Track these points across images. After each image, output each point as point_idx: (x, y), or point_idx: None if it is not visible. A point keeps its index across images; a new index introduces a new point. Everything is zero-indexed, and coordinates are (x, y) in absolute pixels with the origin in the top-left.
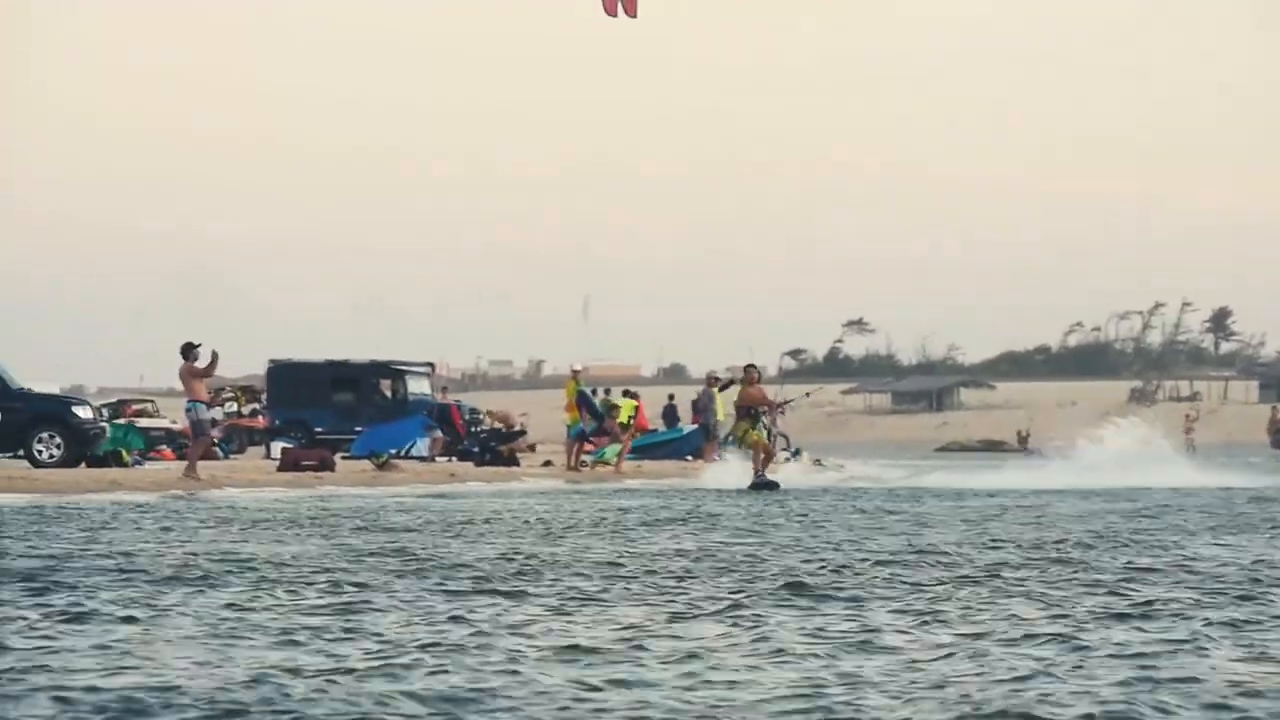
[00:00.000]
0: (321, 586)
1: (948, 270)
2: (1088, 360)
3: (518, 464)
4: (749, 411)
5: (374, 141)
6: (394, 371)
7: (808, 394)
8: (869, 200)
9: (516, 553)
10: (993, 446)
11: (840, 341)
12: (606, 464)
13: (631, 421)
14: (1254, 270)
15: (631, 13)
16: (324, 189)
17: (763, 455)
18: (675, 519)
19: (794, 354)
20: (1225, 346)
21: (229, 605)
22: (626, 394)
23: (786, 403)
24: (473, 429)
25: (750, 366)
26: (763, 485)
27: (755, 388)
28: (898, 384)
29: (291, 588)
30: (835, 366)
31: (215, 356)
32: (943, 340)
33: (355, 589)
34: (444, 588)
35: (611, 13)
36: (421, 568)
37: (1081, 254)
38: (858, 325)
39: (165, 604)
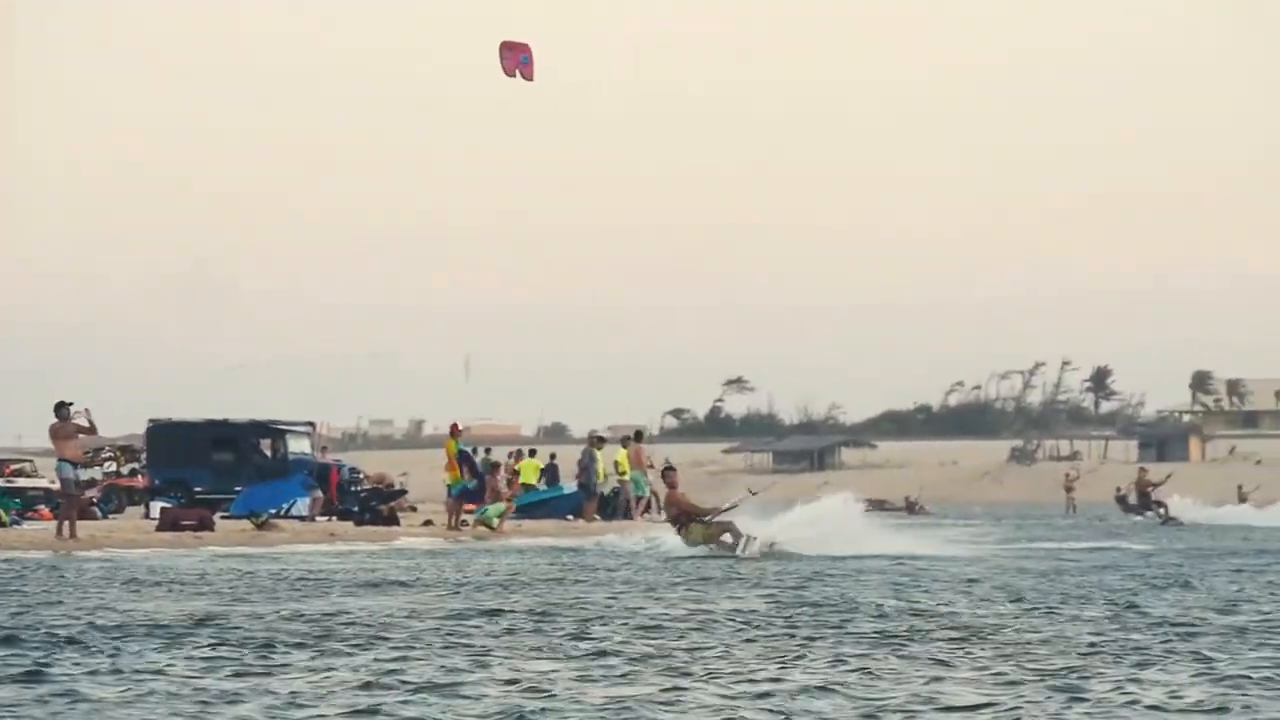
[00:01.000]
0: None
1: (830, 329)
2: (968, 419)
3: (398, 523)
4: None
5: (247, 192)
6: (274, 431)
7: (754, 493)
8: (749, 257)
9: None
10: (876, 506)
11: (721, 400)
12: (487, 524)
13: (542, 480)
14: (1133, 330)
15: (529, 77)
16: (202, 243)
17: (726, 535)
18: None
19: (675, 413)
20: (1105, 406)
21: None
22: (530, 453)
23: (731, 507)
24: (353, 488)
25: (669, 469)
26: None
27: (680, 494)
28: (779, 443)
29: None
30: (716, 425)
31: (88, 416)
32: (824, 399)
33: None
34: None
35: (510, 75)
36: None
37: (962, 313)
38: (738, 384)
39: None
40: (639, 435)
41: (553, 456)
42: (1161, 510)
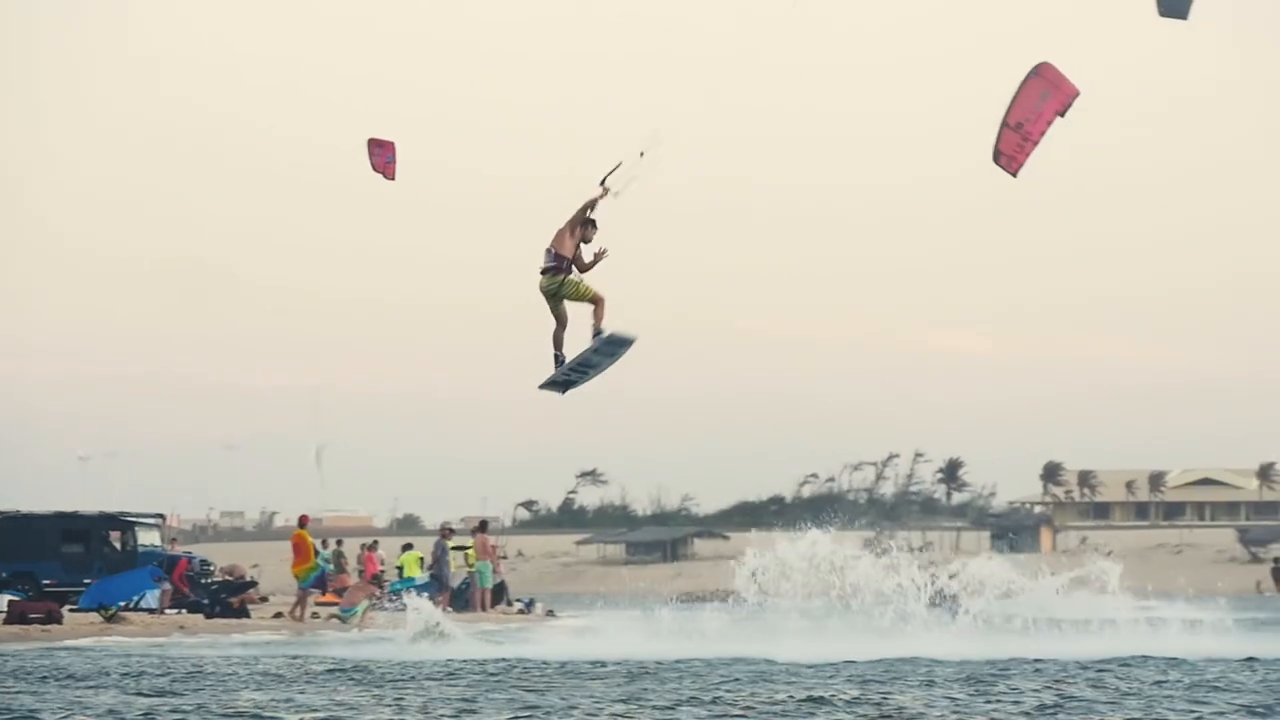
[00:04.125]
0: None
1: (683, 420)
2: (821, 510)
3: (248, 615)
4: None
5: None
6: (124, 523)
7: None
8: None
9: None
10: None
11: (574, 492)
12: (343, 619)
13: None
14: (985, 421)
15: (391, 176)
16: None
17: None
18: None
19: (527, 504)
20: (957, 497)
21: None
22: (407, 547)
23: None
24: (203, 580)
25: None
26: None
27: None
28: (632, 534)
29: None
30: (569, 517)
31: None
32: (677, 491)
33: None
34: None
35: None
36: None
37: (815, 404)
38: (591, 476)
39: None
40: (484, 526)
41: (408, 547)
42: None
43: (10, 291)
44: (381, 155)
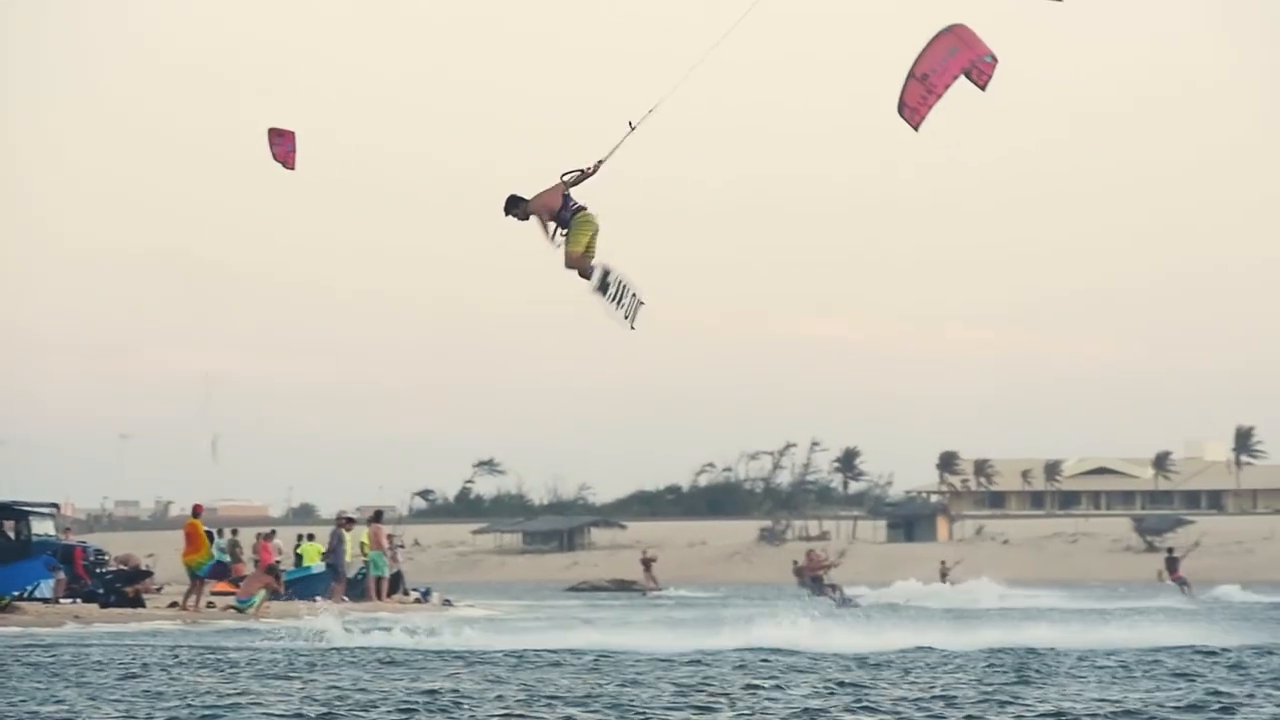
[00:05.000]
0: None
1: (580, 410)
2: (718, 500)
3: (143, 605)
4: None
5: None
6: (17, 512)
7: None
8: (498, 338)
9: None
10: (623, 586)
11: (471, 481)
12: (240, 610)
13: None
14: (882, 410)
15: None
16: None
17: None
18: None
19: (424, 494)
20: (854, 486)
21: None
22: (309, 537)
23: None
24: (98, 570)
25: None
26: None
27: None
28: (528, 524)
29: None
30: (466, 506)
31: None
32: (574, 480)
33: None
34: None
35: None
36: None
37: (713, 394)
38: (488, 465)
39: None
40: (379, 515)
41: (310, 537)
42: (836, 594)
43: None
44: (282, 145)
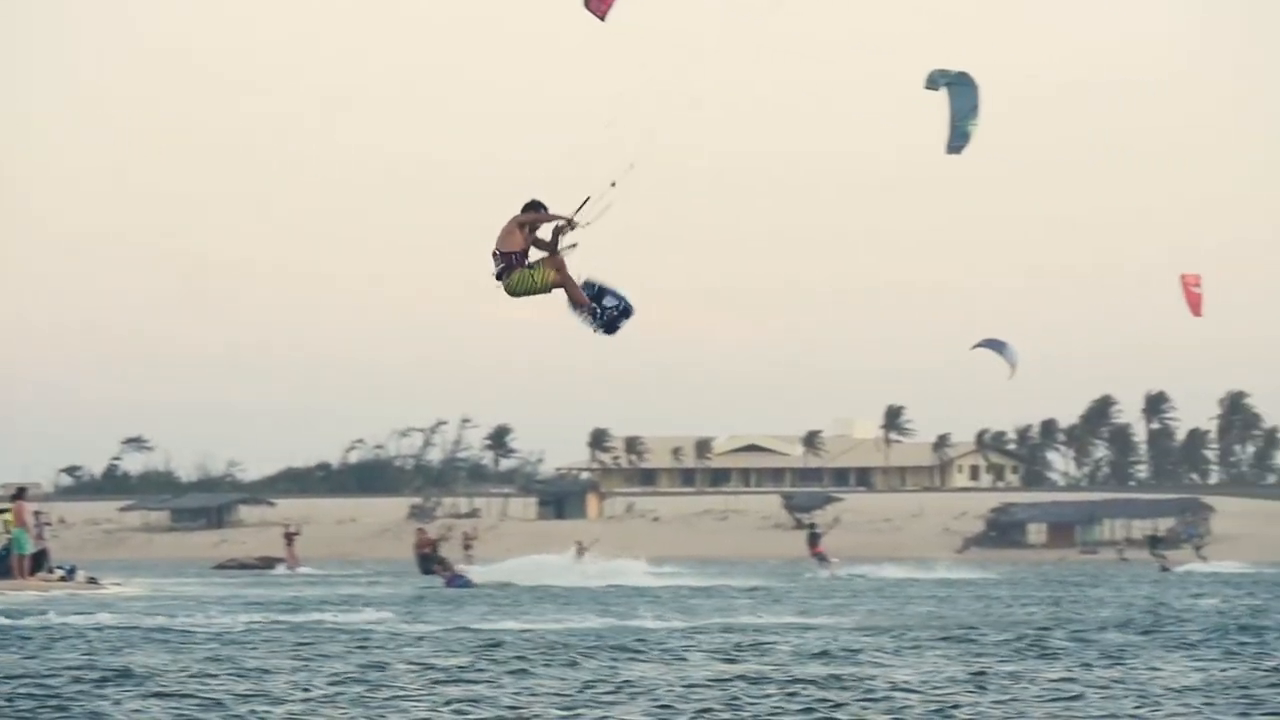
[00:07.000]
0: None
1: (230, 385)
2: (368, 477)
3: None
4: None
5: None
6: None
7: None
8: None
9: None
10: (269, 563)
11: (118, 458)
12: None
13: None
14: (533, 387)
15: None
16: None
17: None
18: None
19: (70, 470)
20: (505, 463)
21: None
22: None
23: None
24: None
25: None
26: None
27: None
28: (176, 501)
29: None
30: (113, 483)
31: None
32: (223, 457)
33: None
34: None
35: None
36: None
37: (365, 370)
38: (136, 442)
39: None
40: (22, 492)
41: None
42: (447, 571)
43: None
44: None
